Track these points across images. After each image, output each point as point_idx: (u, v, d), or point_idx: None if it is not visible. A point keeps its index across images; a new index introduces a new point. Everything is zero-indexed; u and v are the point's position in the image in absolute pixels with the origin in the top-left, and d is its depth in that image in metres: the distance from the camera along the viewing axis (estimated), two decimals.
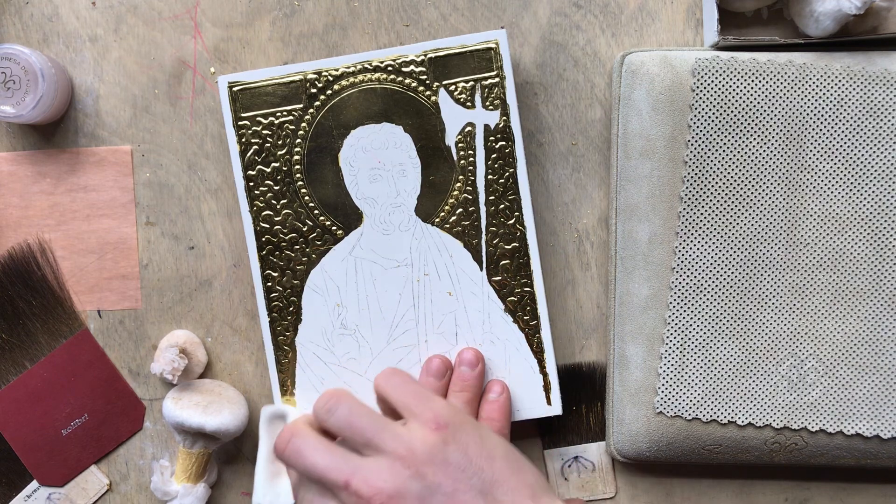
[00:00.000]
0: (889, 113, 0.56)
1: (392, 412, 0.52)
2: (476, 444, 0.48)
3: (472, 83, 0.57)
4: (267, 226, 0.58)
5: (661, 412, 0.57)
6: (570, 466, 0.61)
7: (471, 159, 0.58)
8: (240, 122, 0.58)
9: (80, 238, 0.61)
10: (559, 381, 0.59)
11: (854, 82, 0.56)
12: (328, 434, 0.51)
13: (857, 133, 0.56)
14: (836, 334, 0.57)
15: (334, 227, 0.58)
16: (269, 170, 0.58)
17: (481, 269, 0.58)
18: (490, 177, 0.58)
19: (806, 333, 0.57)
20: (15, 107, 0.57)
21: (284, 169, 0.58)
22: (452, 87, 0.57)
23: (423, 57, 0.57)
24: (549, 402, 0.58)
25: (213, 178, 0.61)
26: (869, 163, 0.56)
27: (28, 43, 0.61)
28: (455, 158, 0.58)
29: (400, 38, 0.60)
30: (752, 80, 0.56)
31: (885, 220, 0.56)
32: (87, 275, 0.62)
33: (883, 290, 0.56)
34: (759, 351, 0.57)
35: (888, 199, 0.56)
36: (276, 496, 0.56)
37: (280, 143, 0.58)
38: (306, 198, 0.58)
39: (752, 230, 0.57)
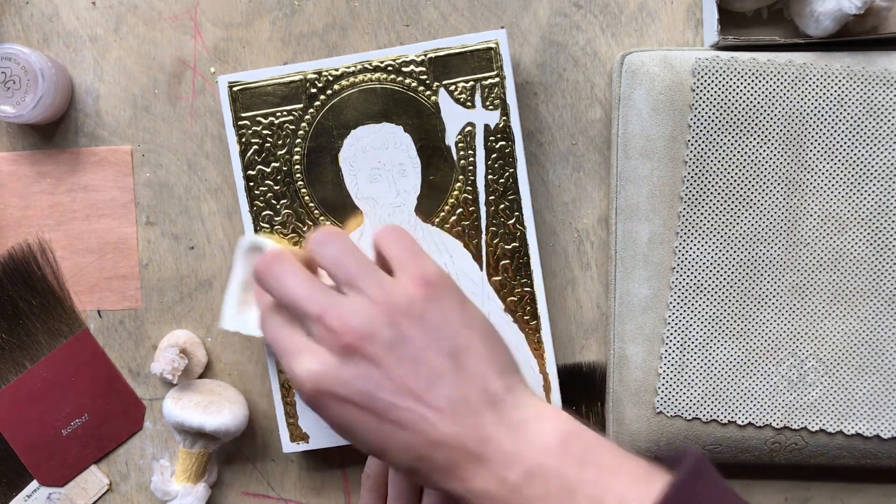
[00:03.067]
0: (889, 113, 0.56)
1: (386, 268, 0.50)
2: (457, 309, 0.48)
3: (472, 83, 0.57)
4: (267, 226, 0.58)
5: (661, 412, 0.57)
6: None
7: (471, 159, 0.58)
8: (240, 122, 0.58)
9: (80, 238, 0.61)
10: (559, 381, 0.59)
11: (854, 82, 0.56)
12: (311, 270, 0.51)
13: (857, 133, 0.56)
14: (836, 334, 0.57)
15: None
16: (269, 170, 0.58)
17: (481, 269, 0.58)
18: (490, 177, 0.58)
19: (806, 333, 0.57)
20: (15, 107, 0.57)
21: (284, 169, 0.58)
22: (452, 87, 0.57)
23: (423, 57, 0.57)
24: (549, 402, 0.58)
25: (213, 178, 0.61)
26: (869, 163, 0.56)
27: (28, 43, 0.61)
28: (455, 158, 0.58)
29: (400, 38, 0.60)
30: (752, 80, 0.56)
31: (885, 220, 0.56)
32: (87, 275, 0.62)
33: (883, 290, 0.56)
34: (759, 351, 0.57)
35: (888, 199, 0.56)
36: (243, 323, 0.56)
37: (280, 143, 0.58)
38: (306, 198, 0.58)
39: (752, 230, 0.57)
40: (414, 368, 0.46)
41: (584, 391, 0.61)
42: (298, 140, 0.58)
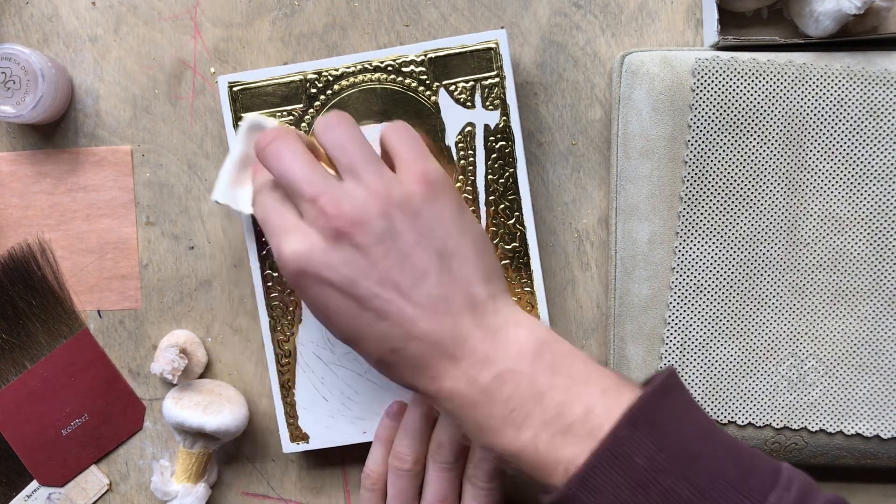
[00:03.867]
0: (889, 113, 0.56)
1: (390, 165, 0.50)
2: (453, 212, 0.48)
3: (472, 83, 0.57)
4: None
5: None
6: None
7: (471, 159, 0.58)
8: (240, 123, 0.58)
9: (80, 238, 0.61)
10: None
11: (854, 82, 0.56)
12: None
13: (857, 133, 0.56)
14: (836, 334, 0.57)
15: None
16: None
17: None
18: (490, 177, 0.58)
19: (806, 333, 0.57)
20: (15, 107, 0.57)
21: None
22: (452, 87, 0.57)
23: (423, 57, 0.57)
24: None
25: (214, 178, 0.61)
26: (869, 163, 0.56)
27: (28, 43, 0.61)
28: (455, 158, 0.58)
29: (400, 38, 0.60)
30: (752, 80, 0.56)
31: (885, 220, 0.56)
32: (87, 275, 0.62)
33: (883, 290, 0.56)
34: (759, 351, 0.57)
35: (888, 199, 0.56)
36: (234, 198, 0.55)
37: None
38: None
39: (752, 230, 0.57)
40: (400, 262, 0.46)
41: None
42: None
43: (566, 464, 0.42)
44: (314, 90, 0.57)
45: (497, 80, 0.57)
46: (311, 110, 0.58)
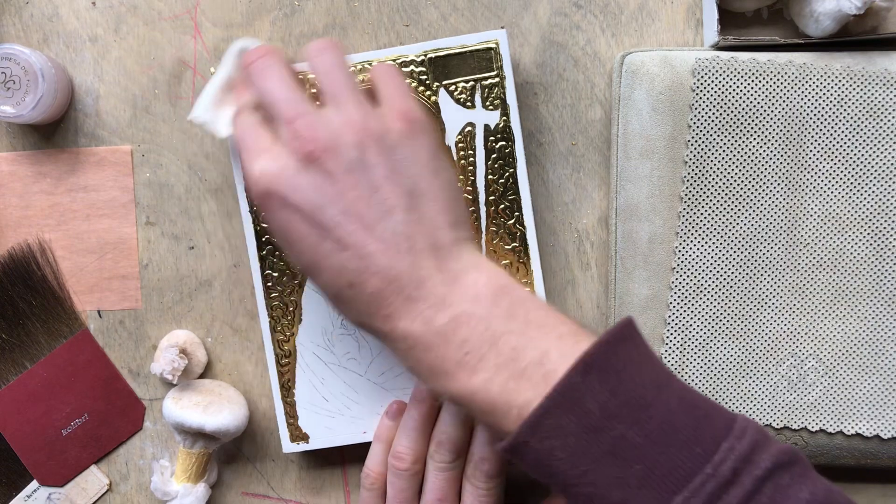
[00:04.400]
0: (889, 113, 0.56)
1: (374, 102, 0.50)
2: (429, 154, 0.48)
3: (472, 83, 0.57)
4: (267, 226, 0.58)
5: None
6: None
7: (471, 159, 0.58)
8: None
9: (80, 238, 0.61)
10: None
11: (854, 82, 0.56)
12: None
13: (857, 133, 0.56)
14: (836, 334, 0.57)
15: None
16: None
17: None
18: (490, 177, 0.58)
19: (806, 333, 0.57)
20: (15, 107, 0.57)
21: None
22: (452, 87, 0.57)
23: (423, 57, 0.57)
24: None
25: (213, 178, 0.61)
26: (869, 163, 0.56)
27: (28, 43, 0.61)
28: (455, 158, 0.58)
29: (400, 38, 0.60)
30: (752, 80, 0.56)
31: (885, 220, 0.56)
32: (87, 275, 0.62)
33: (883, 290, 0.56)
34: (759, 351, 0.57)
35: (888, 199, 0.56)
36: (214, 118, 0.54)
37: None
38: None
39: (752, 230, 0.57)
40: (368, 195, 0.46)
41: None
42: None
43: (519, 408, 0.42)
44: (314, 90, 0.57)
45: (497, 80, 0.57)
46: None
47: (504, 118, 0.57)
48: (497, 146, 0.58)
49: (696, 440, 0.41)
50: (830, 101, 0.56)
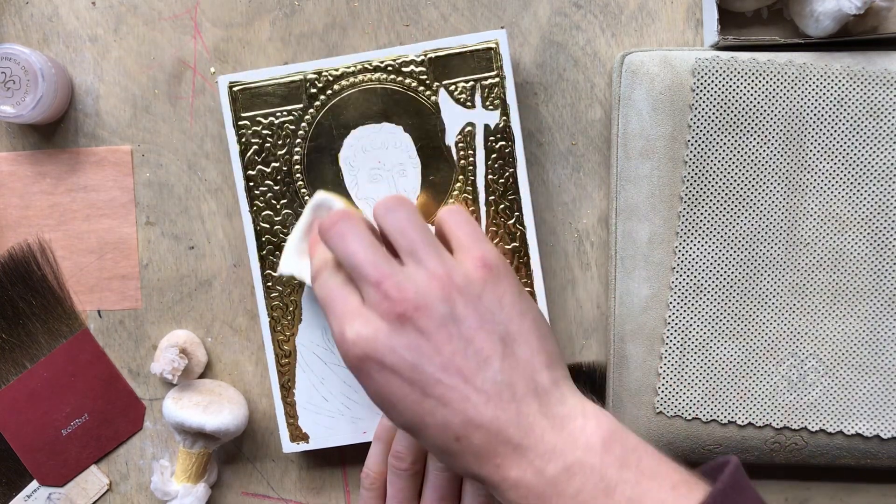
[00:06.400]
0: (889, 113, 0.56)
1: (447, 247, 0.50)
2: (513, 296, 0.47)
3: (472, 83, 0.57)
4: (267, 226, 0.58)
5: (661, 412, 0.57)
6: None
7: (471, 159, 0.58)
8: (240, 122, 0.58)
9: (80, 238, 0.61)
10: None
11: (854, 82, 0.56)
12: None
13: (857, 133, 0.56)
14: (836, 334, 0.57)
15: None
16: (269, 170, 0.58)
17: None
18: (490, 177, 0.58)
19: (806, 333, 0.57)
20: (15, 107, 0.57)
21: (284, 169, 0.58)
22: (452, 87, 0.57)
23: (423, 57, 0.57)
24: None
25: (213, 178, 0.61)
26: (869, 163, 0.56)
27: (28, 43, 0.61)
28: (455, 158, 0.58)
29: (400, 38, 0.60)
30: (752, 80, 0.56)
31: (885, 220, 0.56)
32: (87, 275, 0.62)
33: (883, 290, 0.56)
34: (759, 351, 0.57)
35: (888, 199, 0.56)
36: (301, 270, 0.55)
37: (280, 143, 0.58)
38: (306, 198, 0.58)
39: (752, 230, 0.57)
40: (464, 347, 0.45)
41: (583, 391, 0.61)
42: (298, 140, 0.58)
43: None
44: (314, 90, 0.57)
45: (497, 80, 0.57)
46: (311, 110, 0.58)
47: (504, 118, 0.57)
48: (497, 146, 0.58)
49: None
50: (830, 101, 0.56)
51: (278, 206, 0.58)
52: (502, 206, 0.58)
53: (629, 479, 0.43)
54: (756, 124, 0.56)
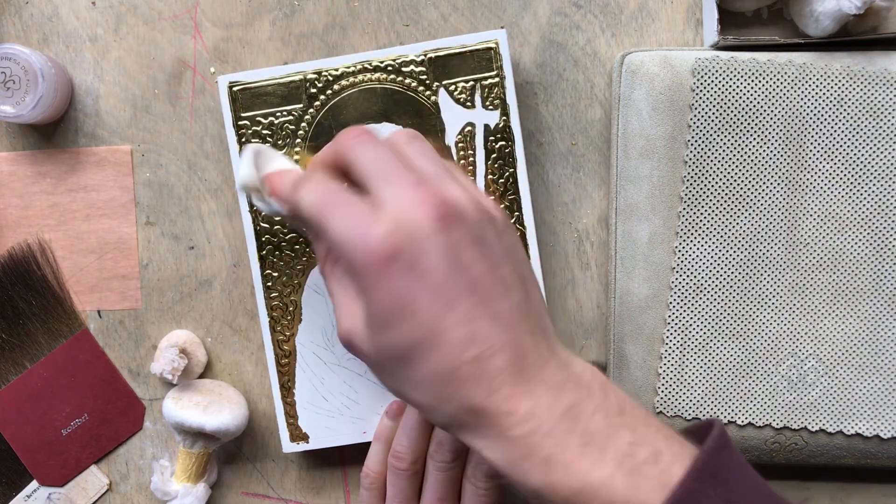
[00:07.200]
0: (889, 113, 0.56)
1: None
2: (522, 248, 0.46)
3: (472, 83, 0.57)
4: (267, 226, 0.58)
5: (661, 412, 0.57)
6: None
7: (471, 159, 0.58)
8: (240, 122, 0.58)
9: (80, 238, 0.61)
10: None
11: (854, 82, 0.56)
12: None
13: (857, 133, 0.56)
14: (836, 334, 0.57)
15: None
16: None
17: None
18: (490, 177, 0.58)
19: (806, 333, 0.57)
20: (15, 107, 0.57)
21: None
22: (452, 87, 0.57)
23: (423, 57, 0.57)
24: None
25: (213, 178, 0.61)
26: (869, 163, 0.56)
27: (28, 43, 0.61)
28: (455, 158, 0.58)
29: (400, 38, 0.60)
30: (752, 80, 0.56)
31: (885, 220, 0.56)
32: (87, 275, 0.62)
33: (883, 290, 0.56)
34: (759, 351, 0.57)
35: (888, 199, 0.56)
36: (256, 180, 0.49)
37: (280, 143, 0.58)
38: None
39: (752, 230, 0.57)
40: (492, 270, 0.43)
41: None
42: (298, 140, 0.58)
43: None
44: (314, 90, 0.57)
45: (497, 80, 0.57)
46: (311, 110, 0.58)
47: (504, 118, 0.57)
48: (497, 146, 0.58)
49: None
50: (830, 101, 0.56)
51: None
52: (502, 205, 0.58)
53: (628, 423, 0.42)
54: (756, 124, 0.56)
